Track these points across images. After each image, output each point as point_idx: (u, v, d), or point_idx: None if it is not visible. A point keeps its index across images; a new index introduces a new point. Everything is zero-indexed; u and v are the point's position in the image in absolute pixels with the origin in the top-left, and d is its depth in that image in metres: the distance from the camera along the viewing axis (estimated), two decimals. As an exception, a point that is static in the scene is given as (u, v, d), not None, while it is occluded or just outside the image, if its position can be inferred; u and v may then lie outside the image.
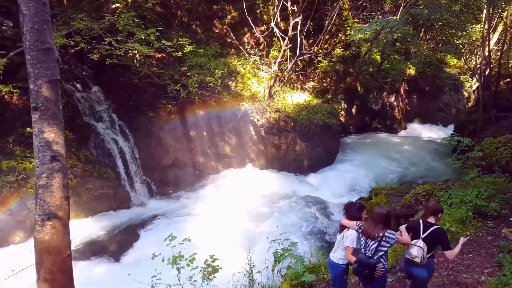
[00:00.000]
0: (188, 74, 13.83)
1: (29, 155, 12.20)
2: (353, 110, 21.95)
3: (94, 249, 11.07)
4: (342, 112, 20.71)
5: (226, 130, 15.92)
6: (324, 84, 19.85)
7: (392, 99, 24.52)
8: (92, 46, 11.93)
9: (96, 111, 14.49)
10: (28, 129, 12.70)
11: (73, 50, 14.24)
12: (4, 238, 11.03)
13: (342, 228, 5.09)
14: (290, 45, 16.11)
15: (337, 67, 20.22)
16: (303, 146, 16.41)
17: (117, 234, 12.01)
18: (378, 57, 23.15)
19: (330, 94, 19.67)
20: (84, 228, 11.84)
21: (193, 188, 15.37)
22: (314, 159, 16.71)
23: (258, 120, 15.69)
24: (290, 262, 6.90)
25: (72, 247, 10.90)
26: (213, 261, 6.08)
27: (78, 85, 14.52)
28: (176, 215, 13.27)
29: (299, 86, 18.63)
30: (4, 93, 11.35)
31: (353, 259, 4.71)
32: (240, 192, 14.49)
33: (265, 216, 12.75)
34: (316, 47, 18.24)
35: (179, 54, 12.29)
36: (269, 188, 14.99)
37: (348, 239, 4.81)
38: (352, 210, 5.04)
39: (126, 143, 14.41)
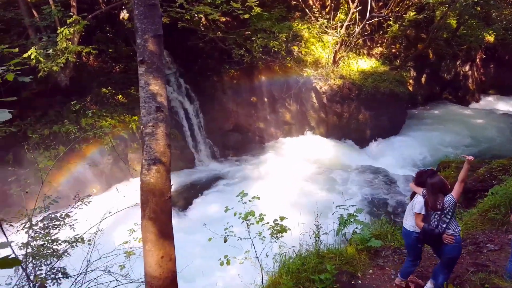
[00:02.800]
0: (253, 38, 13.77)
1: (104, 114, 13.18)
2: (423, 79, 20.57)
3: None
4: (411, 81, 19.48)
5: (287, 96, 15.83)
6: (393, 50, 18.71)
7: (467, 68, 22.55)
8: (164, 9, 12.24)
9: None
10: (103, 89, 13.66)
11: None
12: (84, 190, 12.22)
13: (413, 195, 5.04)
14: (360, 7, 15.23)
15: (408, 32, 18.87)
16: (366, 115, 15.86)
17: (183, 192, 12.81)
18: (454, 22, 21.15)
19: (398, 61, 18.55)
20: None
21: (253, 153, 15.72)
22: (377, 129, 16.13)
23: (320, 87, 15.34)
24: (356, 228, 6.94)
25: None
26: (281, 220, 6.30)
27: (148, 49, 15.12)
28: (237, 177, 13.75)
29: (365, 52, 17.76)
30: (84, 54, 12.12)
31: (422, 225, 4.68)
32: (300, 159, 14.55)
33: (324, 183, 12.76)
34: (386, 10, 17.09)
35: (247, 16, 12.21)
36: (329, 156, 14.86)
37: (417, 205, 4.77)
38: (423, 178, 4.93)
39: (192, 106, 14.96)
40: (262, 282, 6.01)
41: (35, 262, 4.02)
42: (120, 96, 13.79)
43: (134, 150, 13.37)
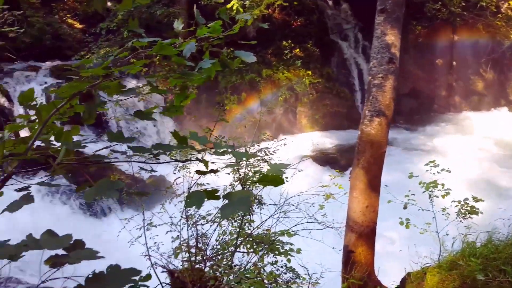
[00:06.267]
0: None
1: (281, 67, 13.89)
2: None
3: (327, 159, 12.16)
4: None
5: (484, 62, 13.42)
6: None
7: None
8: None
9: (342, 29, 14.74)
10: (284, 42, 14.31)
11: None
12: (256, 134, 13.45)
13: None
14: None
15: None
16: None
17: (346, 152, 12.66)
18: None
19: None
20: (317, 140, 13.02)
21: (427, 123, 14.20)
22: None
23: (535, 53, 12.41)
24: None
25: (309, 152, 12.28)
26: (476, 201, 5.60)
27: (330, 1, 14.90)
28: (405, 147, 12.79)
29: None
30: (276, 6, 12.70)
31: None
32: (489, 138, 12.35)
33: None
34: None
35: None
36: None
37: None
38: None
39: (367, 66, 14.33)
40: (439, 258, 5.64)
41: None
42: (298, 50, 14.20)
43: (303, 105, 13.85)
